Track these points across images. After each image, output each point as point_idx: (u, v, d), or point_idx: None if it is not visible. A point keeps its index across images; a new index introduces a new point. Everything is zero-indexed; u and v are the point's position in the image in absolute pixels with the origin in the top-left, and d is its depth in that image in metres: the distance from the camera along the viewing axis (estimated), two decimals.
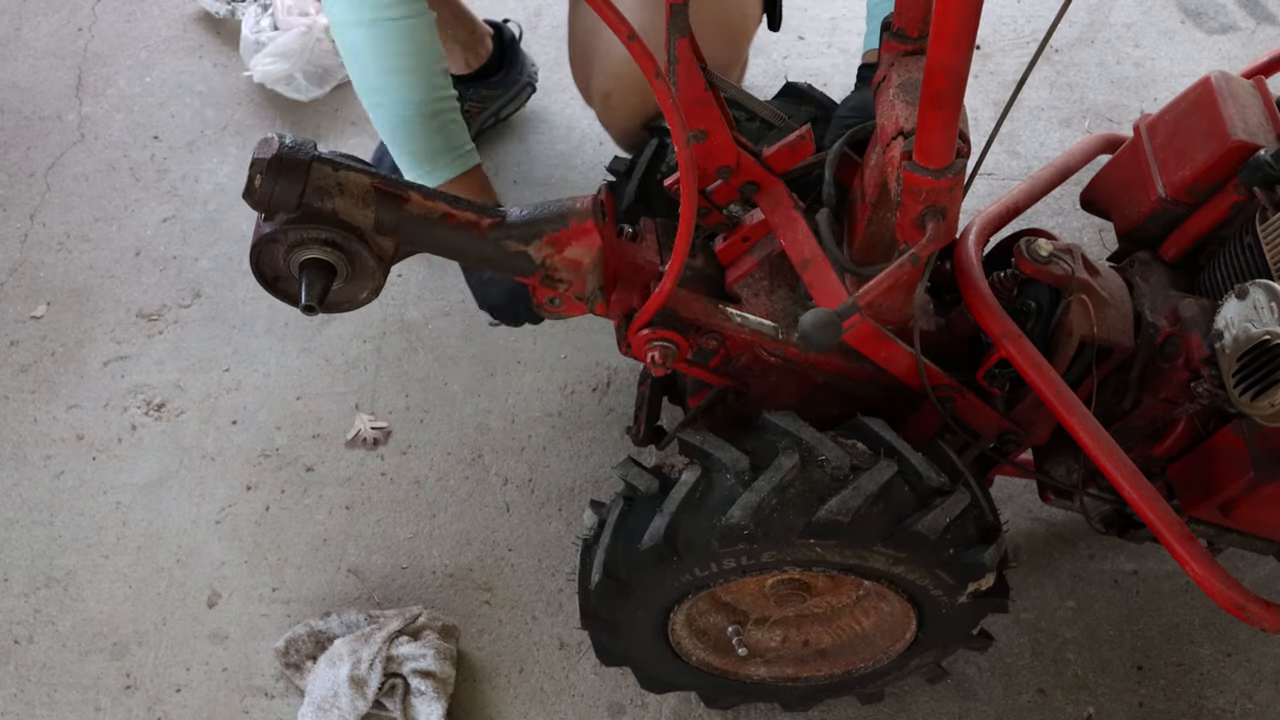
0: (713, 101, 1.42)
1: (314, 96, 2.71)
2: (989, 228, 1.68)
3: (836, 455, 1.38)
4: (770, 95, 1.86)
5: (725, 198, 1.56)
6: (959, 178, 1.23)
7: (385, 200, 1.30)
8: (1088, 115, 2.70)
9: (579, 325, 2.32)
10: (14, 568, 2.09)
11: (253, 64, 2.67)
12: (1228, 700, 1.94)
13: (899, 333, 1.47)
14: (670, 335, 1.44)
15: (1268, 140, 1.55)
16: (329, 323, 2.37)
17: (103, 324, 2.38)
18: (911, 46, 1.40)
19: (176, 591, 2.06)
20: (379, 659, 1.89)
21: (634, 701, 1.94)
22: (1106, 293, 1.53)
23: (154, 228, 2.53)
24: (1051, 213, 2.50)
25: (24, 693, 1.96)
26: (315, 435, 2.23)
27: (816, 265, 1.44)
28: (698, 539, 1.40)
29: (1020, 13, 2.91)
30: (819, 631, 1.77)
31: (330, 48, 2.70)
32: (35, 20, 2.91)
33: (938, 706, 1.93)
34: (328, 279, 1.32)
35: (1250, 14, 2.89)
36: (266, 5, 2.78)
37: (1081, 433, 1.42)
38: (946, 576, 1.45)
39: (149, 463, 2.20)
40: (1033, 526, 2.11)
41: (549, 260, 1.38)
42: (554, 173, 2.61)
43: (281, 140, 1.26)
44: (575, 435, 2.23)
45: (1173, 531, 1.40)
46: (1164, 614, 2.02)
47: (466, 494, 2.17)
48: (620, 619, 1.58)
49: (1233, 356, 1.37)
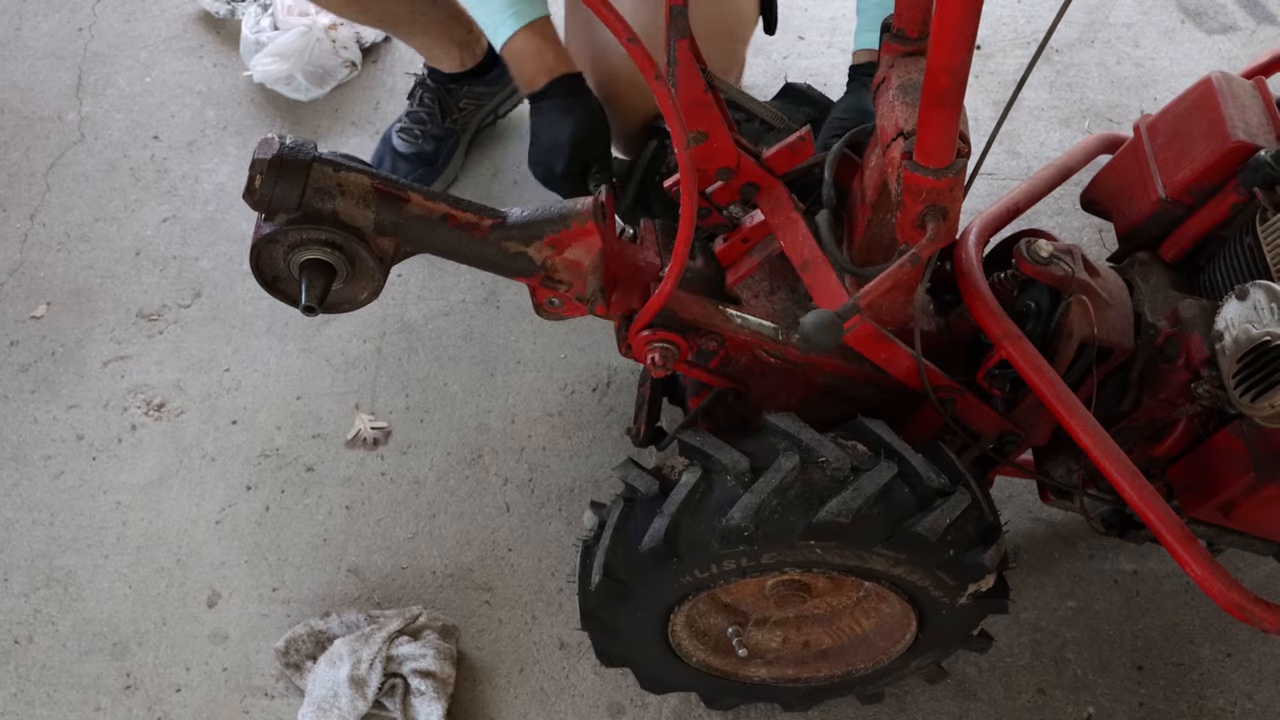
0: (712, 103, 1.42)
1: (314, 97, 2.71)
2: (989, 228, 1.68)
3: (837, 456, 1.38)
4: (770, 96, 1.86)
5: (725, 199, 1.56)
6: (959, 178, 1.23)
7: (385, 201, 1.30)
8: (1088, 115, 2.70)
9: (579, 325, 2.32)
10: (14, 568, 2.09)
11: (253, 64, 2.67)
12: (1228, 700, 1.94)
13: (899, 333, 1.47)
14: (670, 336, 1.44)
15: (1268, 141, 1.55)
16: (329, 323, 2.37)
17: (103, 324, 2.38)
18: (911, 47, 1.40)
19: (176, 591, 2.06)
20: (379, 659, 1.89)
21: (634, 702, 1.94)
22: (1106, 293, 1.53)
23: (154, 228, 2.53)
24: (1051, 213, 2.50)
25: (24, 693, 1.96)
26: (315, 435, 2.24)
27: (816, 266, 1.44)
28: (698, 540, 1.40)
29: (1020, 13, 2.91)
30: (819, 632, 1.77)
31: (330, 48, 2.70)
32: (35, 20, 2.91)
33: (938, 706, 1.93)
34: (328, 279, 1.32)
35: (1250, 14, 2.89)
36: (266, 5, 2.78)
37: (1081, 434, 1.42)
38: (947, 577, 1.45)
39: (149, 463, 2.20)
40: (1033, 527, 2.11)
41: (549, 261, 1.38)
42: None
43: (282, 140, 1.26)
44: (575, 435, 2.23)
45: (1173, 532, 1.40)
46: (1164, 614, 2.02)
47: (466, 494, 2.17)
48: (620, 620, 1.58)
49: (1233, 357, 1.37)
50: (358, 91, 2.75)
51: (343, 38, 2.74)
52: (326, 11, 2.33)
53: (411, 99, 2.54)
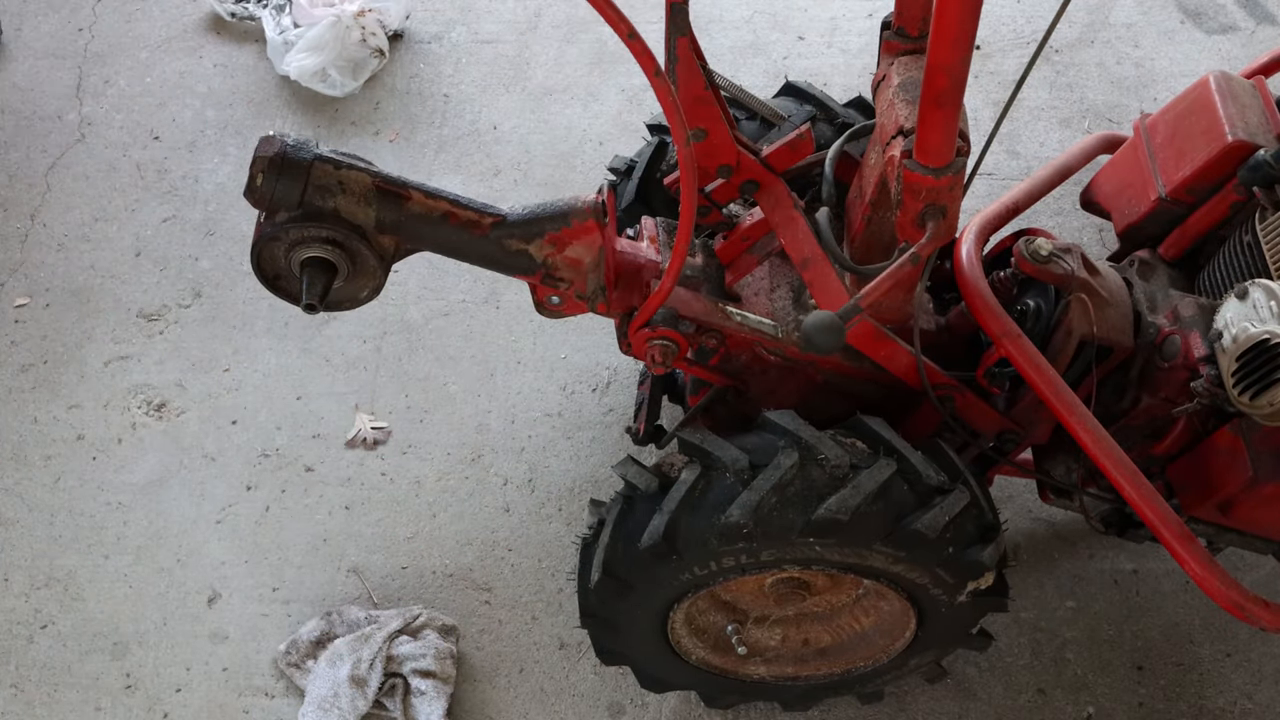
0: (713, 100, 1.42)
1: (349, 91, 2.70)
2: (989, 227, 1.68)
3: (836, 454, 1.38)
4: (770, 95, 1.86)
5: (725, 197, 1.57)
6: (959, 176, 1.24)
7: (387, 199, 1.31)
8: (1088, 115, 2.70)
9: (579, 325, 2.32)
10: (14, 568, 2.09)
11: (286, 62, 2.67)
12: (1228, 700, 1.94)
13: (899, 331, 1.47)
14: (670, 334, 1.44)
15: (1267, 140, 1.55)
16: (329, 323, 2.37)
17: (103, 324, 2.38)
18: (911, 45, 1.40)
19: (176, 591, 2.06)
20: (379, 658, 1.89)
21: (634, 701, 1.94)
22: (1106, 292, 1.53)
23: (154, 228, 2.53)
24: (1051, 213, 2.50)
25: (24, 692, 1.96)
26: (315, 435, 2.24)
27: (816, 264, 1.45)
28: (697, 537, 1.40)
29: (1020, 13, 2.92)
30: (819, 630, 1.77)
31: (360, 38, 2.70)
32: (35, 20, 2.92)
33: (937, 706, 1.93)
34: (329, 277, 1.32)
35: (1250, 14, 2.90)
36: (281, 6, 2.78)
37: (1081, 432, 1.42)
38: (946, 575, 1.45)
39: (149, 463, 2.20)
40: (1033, 526, 2.11)
41: (550, 259, 1.38)
42: (554, 173, 2.61)
43: (283, 139, 1.26)
44: (575, 435, 2.23)
45: (1172, 531, 1.41)
46: (1164, 614, 2.02)
47: (466, 494, 2.17)
48: (620, 618, 1.58)
49: (1232, 356, 1.38)
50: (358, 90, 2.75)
51: (370, 24, 2.73)
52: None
53: None
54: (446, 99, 2.74)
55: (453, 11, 2.92)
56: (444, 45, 2.85)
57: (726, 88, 1.50)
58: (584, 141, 2.66)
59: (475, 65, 2.81)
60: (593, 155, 2.63)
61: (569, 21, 2.88)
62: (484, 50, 2.84)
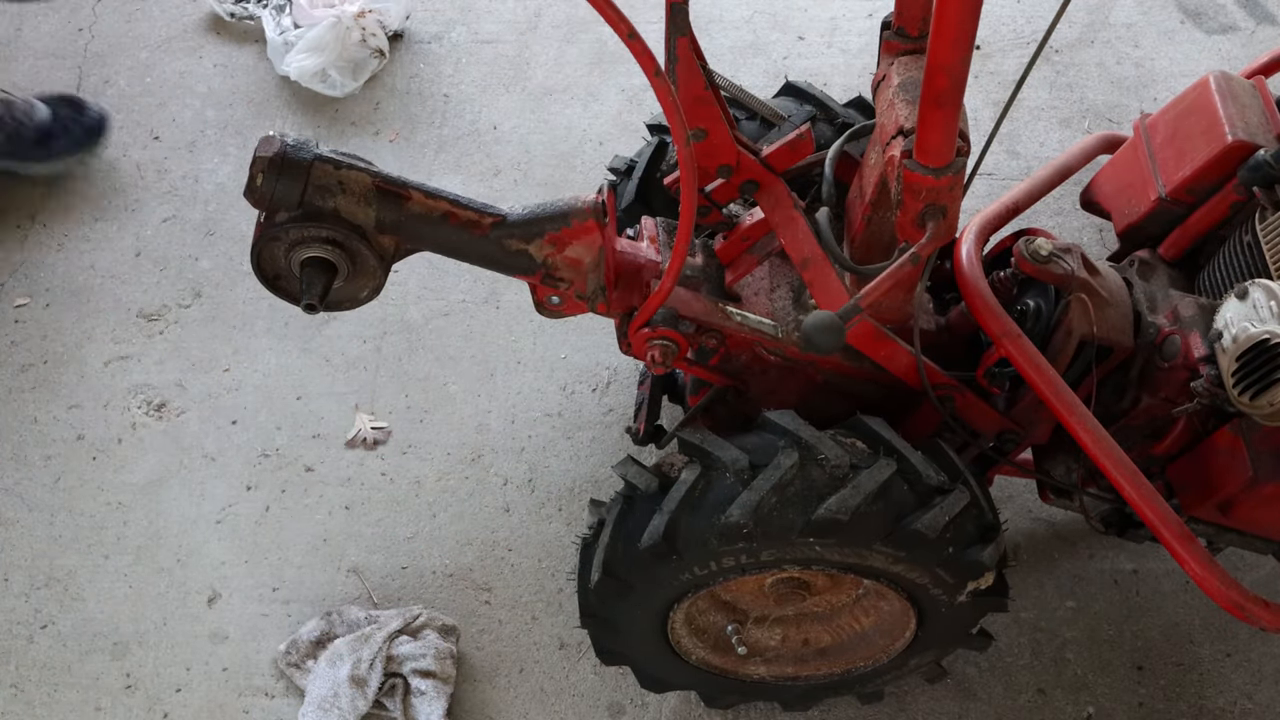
0: (713, 100, 1.42)
1: (349, 91, 2.70)
2: (989, 227, 1.68)
3: (836, 454, 1.38)
4: (770, 95, 1.86)
5: (725, 197, 1.57)
6: (959, 176, 1.24)
7: (387, 199, 1.31)
8: (1088, 115, 2.70)
9: (579, 325, 2.32)
10: (14, 568, 2.09)
11: (286, 63, 2.67)
12: (1228, 700, 1.94)
13: (899, 331, 1.47)
14: (670, 334, 1.44)
15: (1267, 140, 1.55)
16: (329, 323, 2.37)
17: (103, 324, 2.38)
18: (911, 45, 1.40)
19: (176, 591, 2.06)
20: (379, 658, 1.89)
21: (634, 701, 1.94)
22: (1106, 292, 1.53)
23: (154, 228, 2.53)
24: (1051, 213, 2.50)
25: (24, 692, 1.96)
26: (315, 435, 2.24)
27: (816, 264, 1.45)
28: (697, 537, 1.40)
29: (1020, 13, 2.92)
30: (819, 630, 1.77)
31: (360, 38, 2.70)
32: (36, 20, 2.91)
33: (937, 706, 1.93)
34: (329, 277, 1.32)
35: (1250, 14, 2.90)
36: (281, 6, 2.78)
37: (1081, 432, 1.42)
38: (946, 575, 1.45)
39: (149, 463, 2.20)
40: (1033, 526, 2.11)
41: (550, 259, 1.38)
42: (554, 173, 2.61)
43: (283, 138, 1.26)
44: (575, 435, 2.23)
45: (1172, 531, 1.41)
46: (1164, 614, 2.02)
47: (466, 494, 2.17)
48: (620, 618, 1.58)
49: (1232, 356, 1.38)
50: (358, 91, 2.75)
51: (370, 24, 2.73)
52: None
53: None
54: (446, 99, 2.74)
55: (453, 11, 2.92)
56: (444, 45, 2.85)
57: (726, 88, 1.50)
58: (584, 141, 2.66)
59: (475, 65, 2.81)
60: (593, 155, 2.63)
61: (569, 21, 2.88)
62: (484, 50, 2.84)
